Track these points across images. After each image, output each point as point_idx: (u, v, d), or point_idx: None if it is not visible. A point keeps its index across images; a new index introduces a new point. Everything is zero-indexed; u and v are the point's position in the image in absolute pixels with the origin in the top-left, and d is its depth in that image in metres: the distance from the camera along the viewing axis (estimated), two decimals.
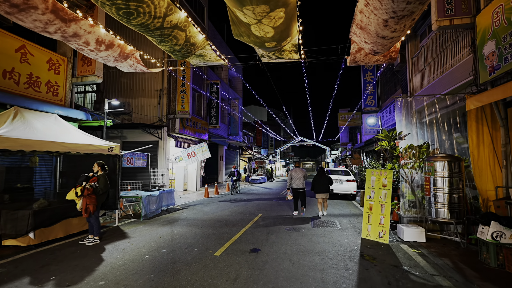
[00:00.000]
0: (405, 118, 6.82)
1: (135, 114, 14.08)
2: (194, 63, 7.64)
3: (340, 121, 20.07)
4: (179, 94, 13.88)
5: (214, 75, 19.24)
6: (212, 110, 17.67)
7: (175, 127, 14.03)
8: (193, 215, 8.46)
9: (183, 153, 9.83)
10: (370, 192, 6.21)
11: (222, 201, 11.75)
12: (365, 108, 15.33)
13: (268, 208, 9.95)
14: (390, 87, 13.99)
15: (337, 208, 10.07)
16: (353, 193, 12.34)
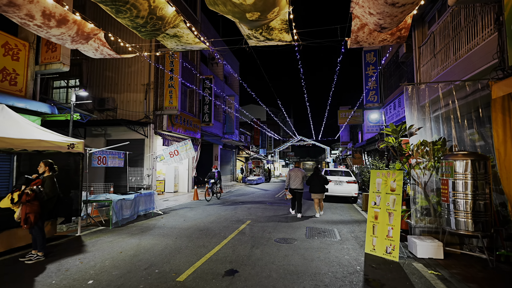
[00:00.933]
0: (416, 110, 5.74)
1: (120, 110, 13.04)
2: (171, 46, 6.58)
3: (340, 119, 18.99)
4: (167, 89, 12.84)
5: (207, 70, 18.20)
6: (205, 106, 16.61)
7: (162, 124, 12.98)
8: (172, 222, 7.40)
9: (165, 151, 8.79)
10: (375, 197, 5.13)
11: (211, 204, 10.69)
12: (367, 104, 14.24)
13: (260, 212, 8.88)
14: (394, 81, 12.89)
15: (337, 213, 8.99)
16: (354, 195, 11.25)
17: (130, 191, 8.67)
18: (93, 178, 12.97)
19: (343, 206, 10.60)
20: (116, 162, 8.18)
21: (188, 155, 8.87)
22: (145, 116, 12.75)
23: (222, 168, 21.81)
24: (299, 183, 8.24)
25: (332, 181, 11.38)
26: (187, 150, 8.79)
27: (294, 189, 8.29)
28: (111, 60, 13.37)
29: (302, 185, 8.30)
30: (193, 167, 16.15)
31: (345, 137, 23.47)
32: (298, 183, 8.24)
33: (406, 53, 10.33)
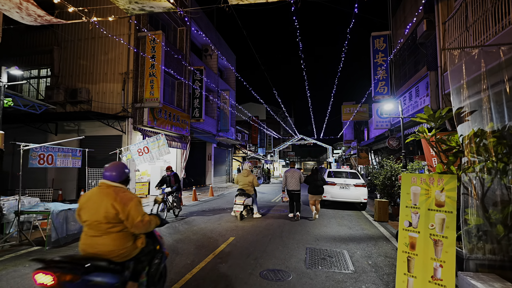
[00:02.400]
0: (465, 86, 3.94)
1: (95, 102, 11.32)
2: (128, 7, 4.83)
3: (345, 115, 17.21)
4: (148, 78, 11.10)
5: (199, 62, 16.46)
6: (195, 100, 14.87)
7: (143, 118, 11.24)
8: None
9: (133, 148, 7.06)
10: (411, 215, 3.35)
11: (193, 212, 8.93)
12: (375, 97, 12.43)
13: (249, 224, 7.10)
14: (408, 68, 11.08)
15: (344, 225, 7.20)
16: (363, 201, 9.45)
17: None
18: (64, 180, 11.28)
19: (350, 214, 8.81)
20: (69, 161, 6.44)
21: (161, 153, 7.11)
22: (122, 109, 11.02)
23: (217, 169, 20.07)
24: (295, 184, 7.79)
25: (337, 185, 9.60)
26: (160, 147, 7.04)
27: (291, 190, 7.82)
28: (85, 47, 11.67)
29: (299, 186, 7.84)
30: (181, 168, 14.41)
31: (349, 135, 21.67)
32: (294, 184, 7.78)
33: (426, 32, 8.53)
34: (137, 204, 2.37)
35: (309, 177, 7.93)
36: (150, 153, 6.94)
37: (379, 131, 13.87)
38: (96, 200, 2.33)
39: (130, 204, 2.32)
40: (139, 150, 6.97)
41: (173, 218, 7.72)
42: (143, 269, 2.54)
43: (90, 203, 2.35)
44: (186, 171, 17.95)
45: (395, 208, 8.24)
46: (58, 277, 1.96)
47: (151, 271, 2.64)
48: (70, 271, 2.01)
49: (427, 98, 8.36)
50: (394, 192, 8.21)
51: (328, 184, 9.70)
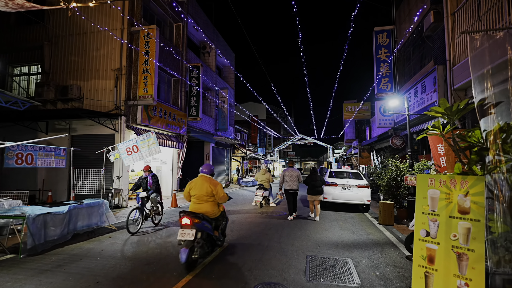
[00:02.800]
0: (489, 74, 3.45)
1: (87, 100, 10.84)
2: None
3: (346, 113, 16.71)
4: (141, 75, 10.62)
5: (197, 58, 15.98)
6: (191, 98, 14.39)
7: (136, 116, 10.77)
8: (118, 245, 5.17)
9: (121, 147, 6.58)
10: (428, 222, 2.86)
11: None
12: (378, 94, 11.94)
13: (245, 228, 6.63)
14: (413, 64, 10.59)
15: (347, 228, 6.71)
16: (366, 203, 8.96)
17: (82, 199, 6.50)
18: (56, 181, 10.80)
19: (353, 216, 8.31)
20: (51, 161, 5.98)
21: (151, 152, 6.63)
22: (115, 107, 10.55)
23: (215, 169, 19.59)
24: (293, 183, 7.73)
25: (338, 185, 9.12)
26: (150, 145, 6.56)
27: (289, 190, 7.76)
28: (77, 43, 11.20)
29: (297, 186, 7.77)
30: (178, 168, 13.94)
31: (350, 135, 21.16)
32: (292, 184, 7.73)
33: (433, 24, 8.04)
34: (221, 187, 4.35)
35: (308, 178, 7.86)
36: (139, 152, 6.46)
37: (382, 130, 13.38)
38: (200, 184, 4.26)
39: (217, 187, 4.29)
40: (128, 149, 6.50)
41: (152, 227, 6.63)
42: (220, 224, 4.60)
43: (197, 185, 4.28)
44: (183, 171, 17.49)
45: (400, 210, 7.75)
46: (191, 220, 3.91)
47: (222, 226, 4.68)
48: (196, 217, 3.99)
49: (435, 94, 7.87)
50: (400, 194, 7.72)
51: (329, 184, 9.22)
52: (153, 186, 6.50)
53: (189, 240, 3.89)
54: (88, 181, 8.50)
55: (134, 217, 6.17)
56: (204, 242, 4.04)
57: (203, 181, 4.24)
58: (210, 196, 4.20)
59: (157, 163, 14.11)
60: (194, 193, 4.24)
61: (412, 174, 7.31)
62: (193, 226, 3.93)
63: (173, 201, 9.96)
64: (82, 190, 8.48)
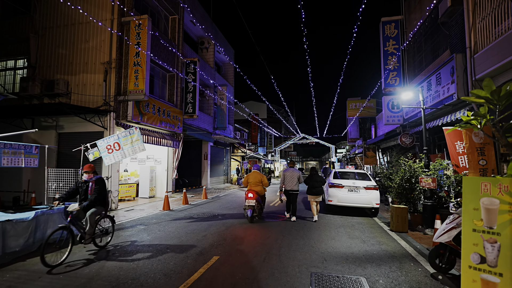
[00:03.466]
0: None
1: (74, 95, 10.10)
2: None
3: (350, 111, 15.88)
4: (132, 68, 9.86)
5: (194, 54, 15.21)
6: (188, 95, 13.62)
7: (127, 113, 10.00)
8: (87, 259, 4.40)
9: (101, 145, 5.81)
10: (484, 244, 2.06)
11: (178, 219, 7.66)
12: (386, 89, 11.11)
13: (240, 236, 5.83)
14: (425, 55, 9.74)
15: (356, 237, 5.90)
16: (375, 206, 8.14)
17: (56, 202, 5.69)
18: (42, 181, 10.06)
19: (361, 222, 7.49)
20: (20, 160, 5.22)
21: (134, 150, 5.86)
22: (104, 103, 9.79)
23: (214, 169, 18.83)
24: (294, 184, 7.59)
25: (344, 187, 8.30)
26: (134, 142, 5.79)
27: (289, 190, 7.62)
28: (64, 35, 10.46)
29: (298, 186, 7.65)
30: (173, 167, 13.17)
31: (354, 133, 20.31)
32: (293, 184, 7.59)
33: (451, 8, 7.20)
34: (265, 177, 7.54)
35: (308, 178, 7.80)
36: (121, 150, 5.69)
37: (389, 127, 12.53)
38: (254, 175, 7.42)
39: (264, 177, 7.50)
40: (109, 146, 5.72)
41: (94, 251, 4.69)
42: (264, 198, 7.66)
43: (252, 176, 7.42)
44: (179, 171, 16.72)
45: (414, 215, 6.91)
46: (254, 193, 7.02)
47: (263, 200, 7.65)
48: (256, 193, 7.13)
49: (452, 85, 7.04)
50: (415, 197, 6.89)
51: (334, 186, 8.42)
52: (93, 196, 4.53)
53: (252, 205, 6.94)
54: (65, 183, 7.72)
55: (59, 237, 4.29)
56: (259, 206, 7.19)
57: (256, 173, 7.51)
58: (259, 182, 7.36)
59: (151, 163, 13.35)
60: (251, 181, 7.37)
61: (429, 175, 6.49)
62: (254, 197, 6.98)
63: (165, 204, 9.18)
64: (57, 192, 7.70)
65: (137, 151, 5.85)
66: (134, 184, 11.81)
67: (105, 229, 5.00)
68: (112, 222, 5.21)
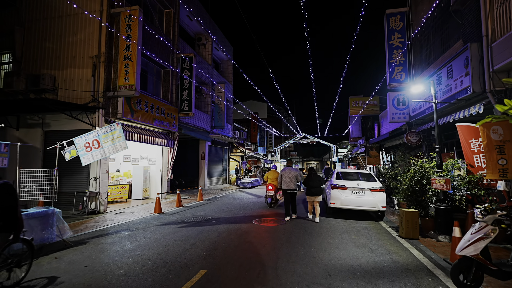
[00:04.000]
0: None
1: (62, 91, 9.50)
2: None
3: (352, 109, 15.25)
4: (122, 62, 9.26)
5: (191, 50, 14.61)
6: (183, 92, 13.02)
7: (117, 110, 9.40)
8: (58, 272, 3.80)
9: (79, 142, 5.22)
10: None
11: (168, 223, 7.06)
12: (391, 85, 10.48)
13: (233, 245, 5.22)
14: (434, 47, 9.12)
15: (362, 244, 5.28)
16: (381, 209, 7.52)
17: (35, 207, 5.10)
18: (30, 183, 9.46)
19: (366, 227, 6.87)
20: None
21: (116, 148, 5.27)
22: (92, 99, 9.19)
23: (212, 169, 18.22)
24: (292, 183, 7.49)
25: (348, 189, 7.68)
26: (115, 139, 5.20)
27: (287, 189, 7.50)
28: (52, 27, 9.87)
29: (296, 186, 7.54)
30: (168, 168, 12.57)
31: (356, 132, 19.68)
32: (290, 184, 7.49)
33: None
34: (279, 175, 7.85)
35: (307, 178, 7.55)
36: (101, 148, 5.10)
37: (394, 125, 11.90)
38: (272, 173, 9.63)
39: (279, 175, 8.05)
40: (87, 144, 5.13)
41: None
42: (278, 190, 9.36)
43: (272, 173, 9.62)
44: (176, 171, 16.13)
45: (426, 220, 6.29)
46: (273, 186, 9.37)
47: None
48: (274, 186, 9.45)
49: (467, 78, 6.41)
50: (426, 200, 6.26)
51: (337, 187, 7.81)
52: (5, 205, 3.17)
53: (271, 194, 9.25)
54: (39, 185, 7.12)
55: None
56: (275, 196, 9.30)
57: (274, 172, 9.58)
58: (276, 178, 8.28)
59: (145, 163, 12.76)
60: (270, 176, 9.39)
61: (442, 176, 5.87)
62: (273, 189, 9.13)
63: (156, 206, 8.58)
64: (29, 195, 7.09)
65: (119, 149, 5.25)
66: (126, 185, 11.21)
67: (15, 260, 3.36)
68: (30, 248, 3.60)
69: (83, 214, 8.32)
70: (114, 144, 5.21)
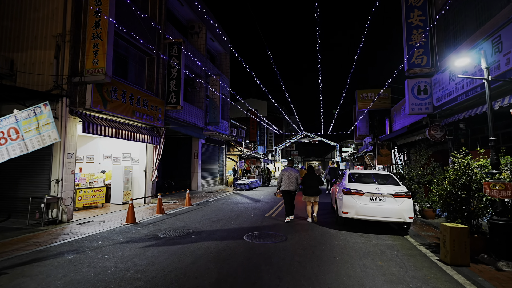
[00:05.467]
0: None
1: (21, 76, 7.93)
2: None
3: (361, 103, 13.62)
4: (90, 42, 7.67)
5: (179, 35, 13.01)
6: (170, 82, 11.42)
7: (85, 99, 7.81)
8: None
9: None
10: None
11: (135, 240, 5.45)
12: (410, 70, 8.84)
13: (211, 279, 3.60)
14: (466, 22, 7.45)
15: (395, 279, 3.62)
16: (408, 221, 5.87)
17: None
18: None
19: (392, 245, 5.22)
20: None
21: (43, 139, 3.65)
22: (54, 85, 7.61)
23: (206, 169, 16.60)
24: (292, 184, 7.17)
25: (365, 194, 6.03)
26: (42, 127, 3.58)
27: (286, 191, 7.20)
28: (10, 4, 8.30)
29: (295, 187, 7.22)
30: (153, 168, 10.97)
31: (363, 129, 17.98)
32: (291, 185, 7.17)
33: None
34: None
35: (305, 177, 7.31)
36: (21, 140, 3.52)
37: (411, 119, 10.24)
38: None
39: None
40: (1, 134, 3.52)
41: None
42: None
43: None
44: (165, 172, 14.54)
45: (474, 238, 4.63)
46: None
47: None
48: None
49: None
50: (479, 212, 4.61)
51: (349, 193, 6.18)
52: None
53: None
54: None
55: None
56: None
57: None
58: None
59: (127, 162, 11.17)
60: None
61: (499, 180, 4.23)
62: None
63: (129, 215, 6.97)
64: None
65: (47, 141, 3.67)
66: (102, 188, 9.61)
67: None
68: None
69: (39, 224, 6.72)
70: (40, 134, 3.65)
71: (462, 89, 6.83)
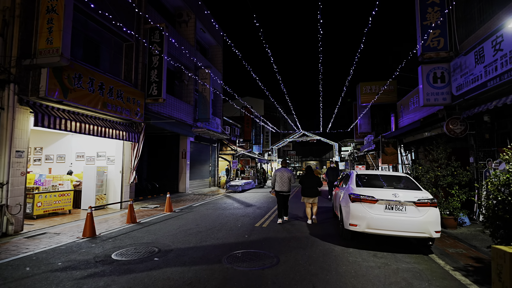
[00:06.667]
0: None
1: None
2: None
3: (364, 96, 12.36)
4: (44, 17, 6.33)
5: (163, 21, 11.65)
6: (151, 72, 10.07)
7: (39, 86, 6.45)
8: None
9: None
10: None
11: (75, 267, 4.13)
12: (425, 54, 7.56)
13: None
14: None
15: None
16: (434, 236, 4.56)
17: None
18: None
19: (416, 270, 3.91)
20: None
21: None
22: (0, 70, 6.24)
23: (196, 170, 15.25)
24: (285, 185, 6.89)
25: (378, 202, 4.72)
26: None
27: (280, 191, 6.89)
28: None
29: (289, 188, 6.92)
30: (131, 168, 9.62)
31: (365, 127, 16.69)
32: (283, 186, 6.88)
33: None
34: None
35: (303, 176, 7.10)
36: None
37: (423, 112, 8.96)
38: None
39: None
40: None
41: None
42: None
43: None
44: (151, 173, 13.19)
45: None
46: None
47: None
48: None
49: None
50: None
51: (358, 200, 4.88)
52: None
53: None
54: None
55: None
56: None
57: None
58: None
59: (102, 162, 9.80)
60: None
61: None
62: None
63: (87, 227, 5.61)
64: None
65: None
66: (68, 192, 8.24)
67: None
68: None
69: None
70: None
71: (495, 71, 5.55)
